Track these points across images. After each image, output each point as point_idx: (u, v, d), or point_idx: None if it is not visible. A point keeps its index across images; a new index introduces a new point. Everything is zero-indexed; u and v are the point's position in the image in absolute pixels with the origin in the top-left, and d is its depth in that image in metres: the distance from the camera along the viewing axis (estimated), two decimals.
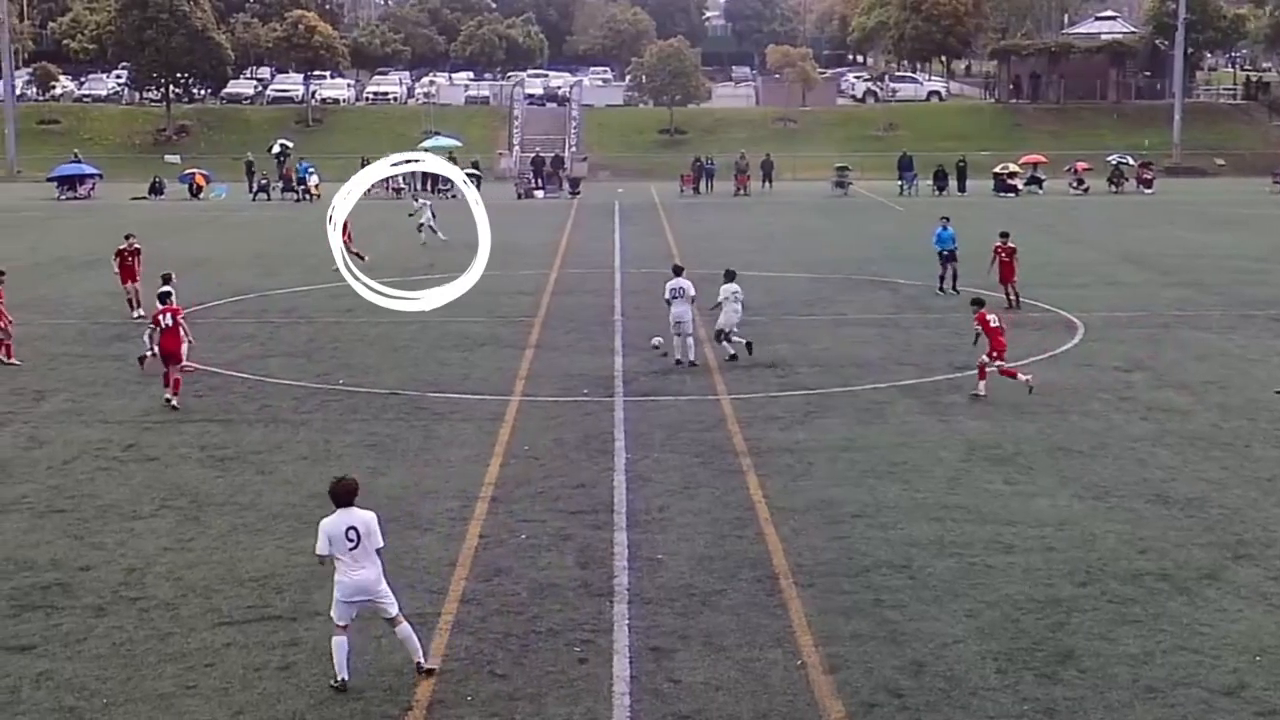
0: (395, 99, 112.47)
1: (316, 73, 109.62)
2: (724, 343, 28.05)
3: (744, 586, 15.56)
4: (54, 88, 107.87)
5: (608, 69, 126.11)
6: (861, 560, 16.43)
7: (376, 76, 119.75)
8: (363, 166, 79.91)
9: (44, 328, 32.29)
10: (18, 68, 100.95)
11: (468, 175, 78.51)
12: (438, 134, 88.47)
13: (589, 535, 17.35)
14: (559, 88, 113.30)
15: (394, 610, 13.19)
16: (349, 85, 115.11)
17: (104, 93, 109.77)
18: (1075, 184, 78.88)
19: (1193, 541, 17.06)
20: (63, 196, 74.69)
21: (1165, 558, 16.46)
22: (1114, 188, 78.60)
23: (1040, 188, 77.69)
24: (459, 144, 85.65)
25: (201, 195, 75.91)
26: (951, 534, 17.35)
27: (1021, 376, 24.62)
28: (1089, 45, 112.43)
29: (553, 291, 38.78)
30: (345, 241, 42.73)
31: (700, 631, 14.26)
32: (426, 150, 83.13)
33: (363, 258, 42.56)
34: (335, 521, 13.20)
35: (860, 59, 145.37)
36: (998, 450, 21.39)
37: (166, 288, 26.39)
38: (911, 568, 16.16)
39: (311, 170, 77.61)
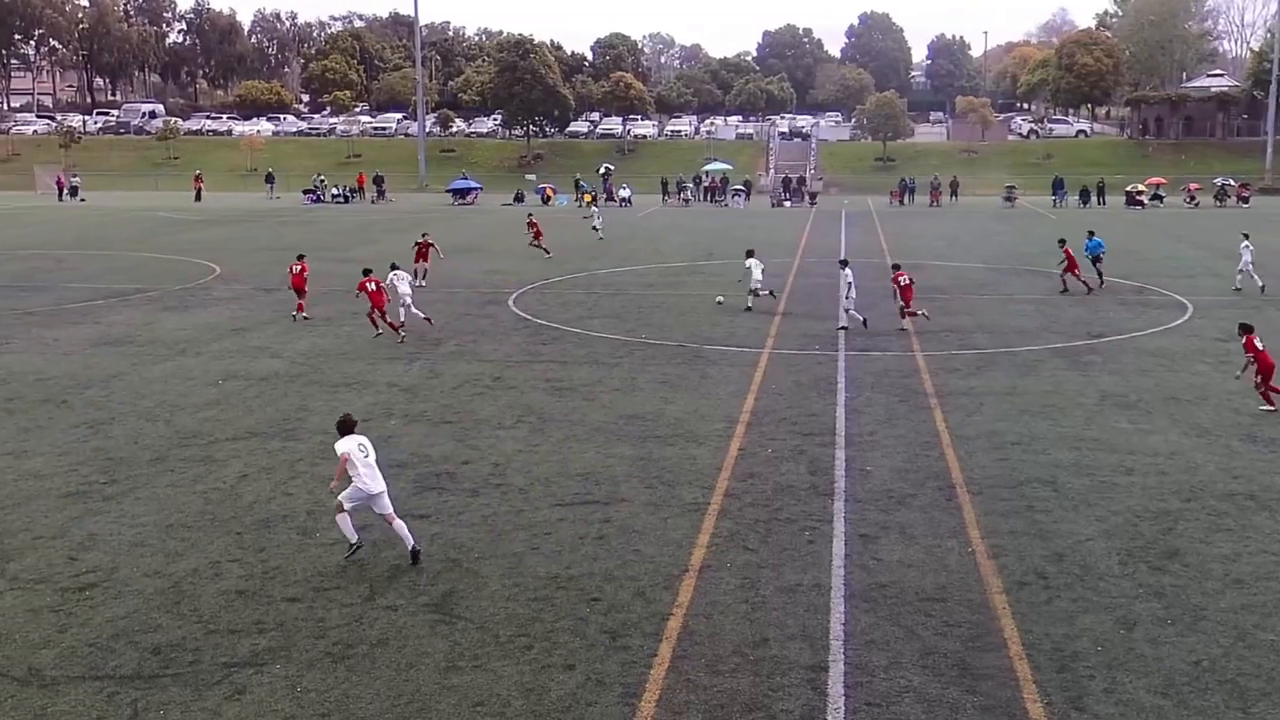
0: (685, 135, 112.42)
1: (631, 116, 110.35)
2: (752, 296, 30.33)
3: (929, 493, 15.19)
4: (451, 127, 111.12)
5: (839, 114, 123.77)
6: (1018, 476, 15.87)
7: (673, 119, 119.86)
8: (662, 186, 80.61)
9: (444, 295, 33.36)
10: (428, 113, 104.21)
11: (737, 190, 78.46)
12: (715, 160, 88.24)
13: (817, 451, 17.15)
14: (802, 127, 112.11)
15: (389, 510, 12.78)
16: (653, 125, 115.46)
17: (485, 130, 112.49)
18: (1188, 200, 74.87)
19: (1275, 470, 16.02)
20: (456, 203, 76.99)
21: (1252, 483, 15.50)
22: (1218, 203, 74.39)
23: (1161, 202, 73.97)
24: (730, 168, 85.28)
25: (550, 203, 77.38)
26: (1086, 459, 16.61)
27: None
28: (1202, 95, 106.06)
29: (795, 274, 38.35)
30: (535, 236, 42.70)
31: (896, 524, 13.98)
32: (707, 172, 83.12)
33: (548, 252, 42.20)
34: (349, 441, 12.75)
35: (1026, 106, 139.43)
36: (1124, 398, 20.39)
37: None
38: (1055, 483, 15.54)
39: (624, 185, 78.44)
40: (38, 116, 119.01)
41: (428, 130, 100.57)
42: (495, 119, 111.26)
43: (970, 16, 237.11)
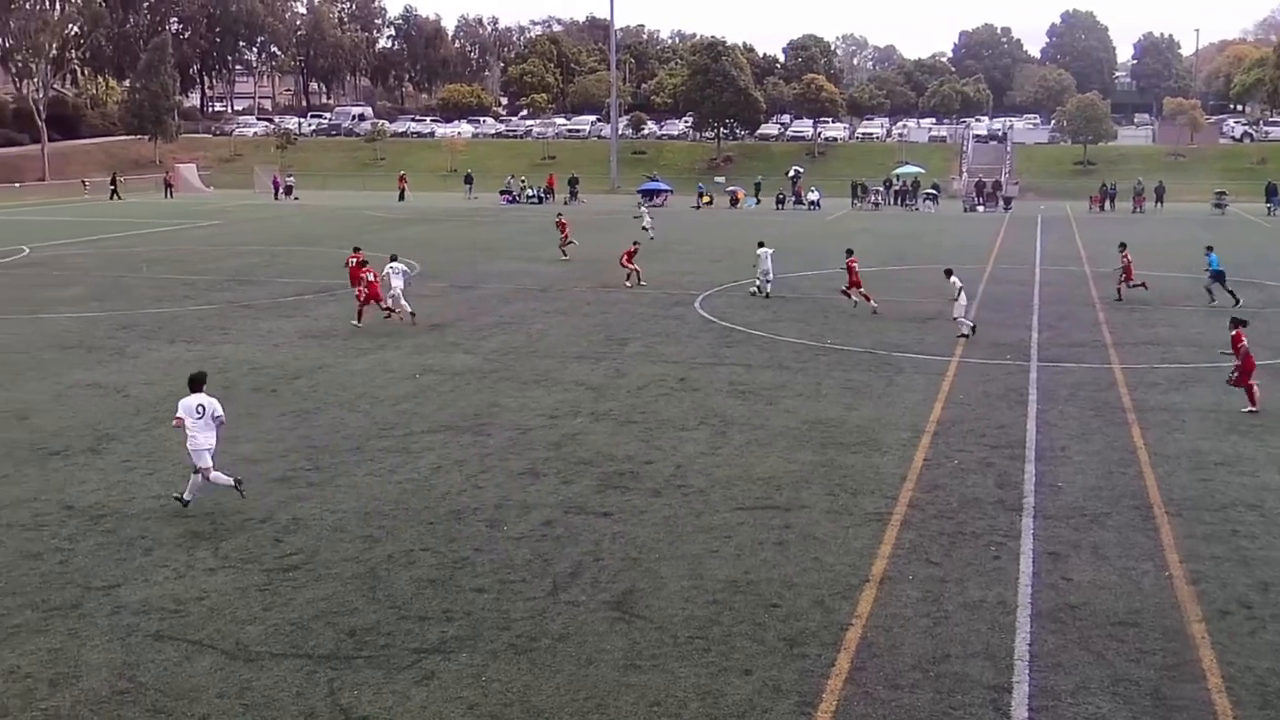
0: (877, 138, 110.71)
1: (822, 118, 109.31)
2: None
3: (1124, 512, 14.57)
4: (642, 129, 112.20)
5: (1037, 116, 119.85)
6: (1221, 498, 15.08)
7: (865, 121, 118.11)
8: (851, 189, 79.53)
9: (629, 295, 33.66)
10: (620, 116, 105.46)
11: (928, 194, 76.81)
12: (907, 163, 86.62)
13: (1005, 464, 16.66)
14: (998, 129, 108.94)
15: (206, 464, 14.27)
16: (844, 128, 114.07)
17: (675, 132, 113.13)
18: None
19: None
20: (645, 205, 77.63)
21: None
22: None
23: None
24: (922, 171, 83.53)
25: (737, 205, 77.26)
26: None
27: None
28: None
29: (987, 280, 37.33)
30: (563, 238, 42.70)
31: (1089, 544, 13.45)
32: (898, 176, 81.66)
33: (564, 252, 41.92)
34: (189, 400, 14.44)
35: (1240, 108, 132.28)
36: None
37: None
38: (1263, 507, 14.70)
39: (814, 189, 77.76)
40: (258, 119, 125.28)
41: (620, 132, 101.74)
42: (686, 121, 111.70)
43: (1180, 14, 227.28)
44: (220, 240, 40.47)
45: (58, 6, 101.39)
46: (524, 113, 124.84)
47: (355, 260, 30.63)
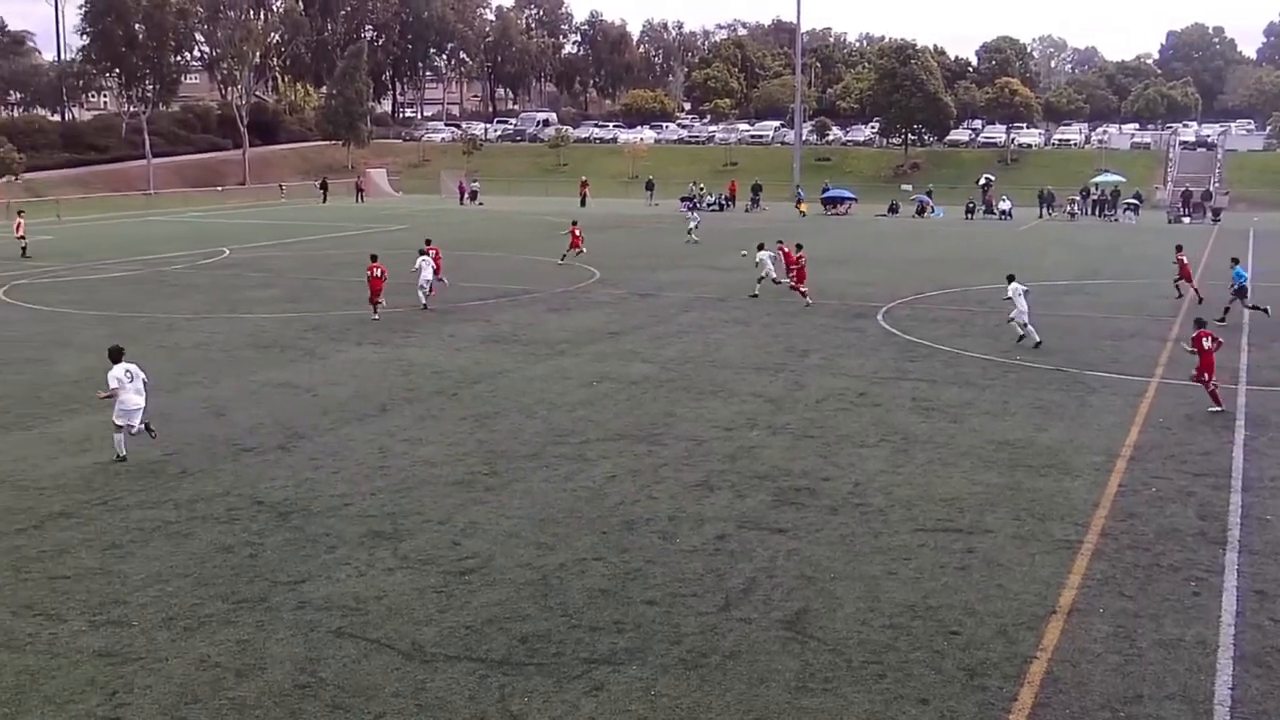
0: (1075, 144, 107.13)
1: (1015, 124, 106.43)
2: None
3: None
4: (828, 134, 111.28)
5: (1251, 121, 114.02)
6: None
7: (1062, 126, 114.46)
8: (1039, 198, 77.14)
9: (824, 305, 33.45)
10: (805, 121, 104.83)
11: (1128, 204, 73.91)
12: (1106, 171, 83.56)
13: (1208, 494, 15.89)
14: (1208, 136, 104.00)
15: (136, 421, 17.28)
16: (1040, 134, 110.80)
17: (861, 138, 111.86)
18: None
19: None
20: (827, 212, 76.97)
21: None
22: None
23: None
24: (1123, 180, 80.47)
25: (924, 214, 75.87)
26: None
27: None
28: None
29: (1193, 300, 35.69)
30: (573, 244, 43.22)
31: None
32: (1096, 184, 78.83)
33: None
34: (117, 369, 17.36)
35: None
36: None
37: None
38: None
39: (1005, 197, 75.75)
40: (446, 124, 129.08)
41: (804, 138, 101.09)
42: (872, 127, 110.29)
43: None
44: (407, 244, 41.87)
45: (261, 16, 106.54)
46: (707, 118, 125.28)
47: (378, 270, 31.08)
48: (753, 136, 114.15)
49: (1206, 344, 20.53)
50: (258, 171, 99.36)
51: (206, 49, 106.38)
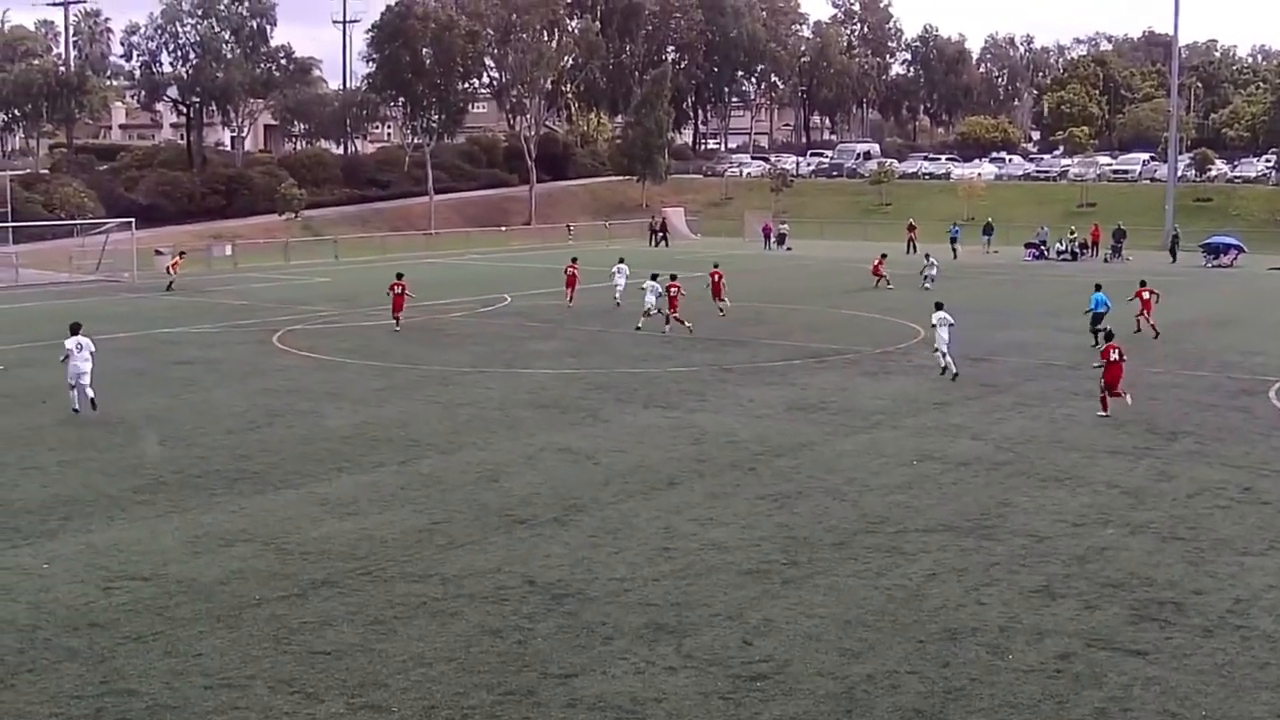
0: None
1: None
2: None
3: None
4: (1209, 169, 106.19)
5: None
6: None
7: None
8: None
9: (1181, 378, 31.95)
10: (1181, 153, 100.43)
11: None
12: None
13: None
14: None
15: (85, 382, 26.01)
16: None
17: (1252, 174, 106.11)
18: None
19: None
20: (1208, 263, 73.24)
21: None
22: None
23: None
24: None
25: None
26: None
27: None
28: None
29: None
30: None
31: None
32: None
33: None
34: (71, 340, 26.18)
35: None
36: None
37: None
38: None
39: None
40: (752, 157, 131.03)
41: (1179, 174, 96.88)
42: (1267, 160, 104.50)
43: None
44: (704, 294, 42.76)
45: (555, 38, 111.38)
46: (1058, 150, 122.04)
47: (401, 288, 40.41)
48: (1115, 172, 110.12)
49: (1115, 355, 26.39)
50: (543, 210, 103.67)
51: (495, 74, 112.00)
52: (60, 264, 62.70)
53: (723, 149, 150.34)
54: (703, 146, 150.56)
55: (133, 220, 64.51)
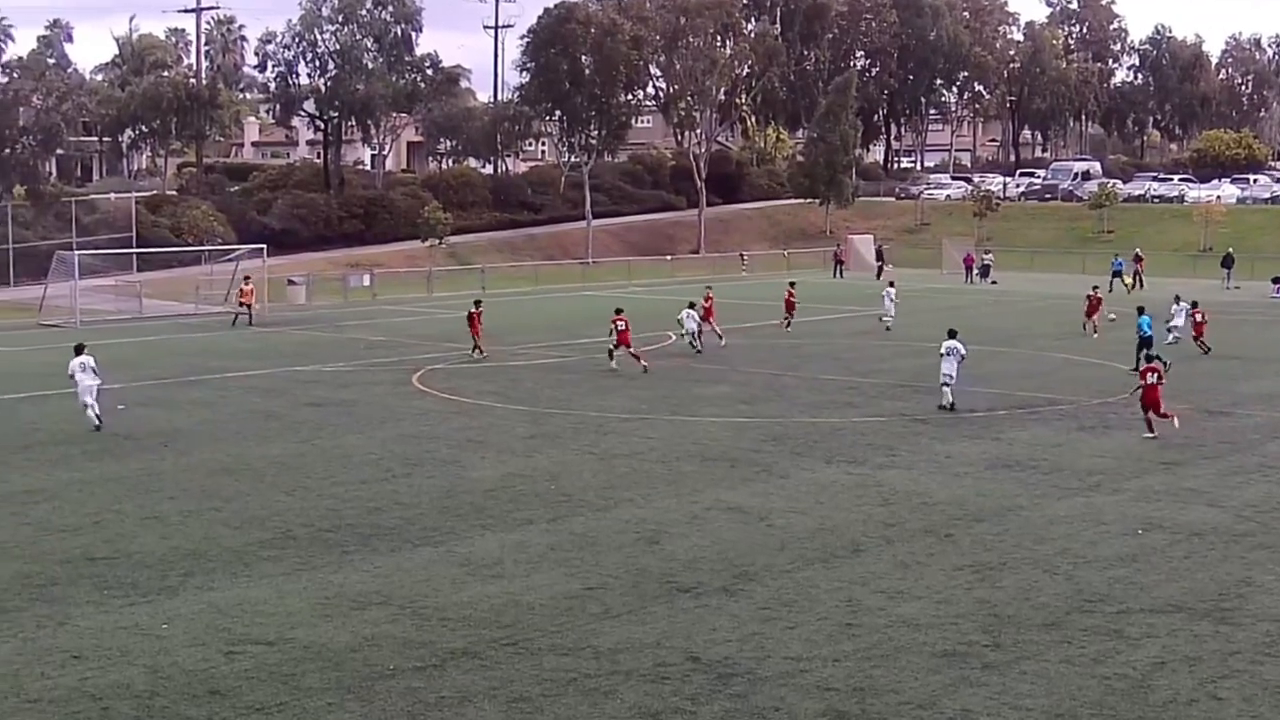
0: None
1: None
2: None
3: None
4: None
5: None
6: None
7: None
8: None
9: None
10: None
11: None
12: None
13: None
14: None
15: (92, 399, 30.14)
16: None
17: None
18: None
19: None
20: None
21: None
22: None
23: None
24: None
25: None
26: None
27: None
28: None
29: None
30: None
31: None
32: None
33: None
34: (76, 360, 30.20)
35: None
36: None
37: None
38: None
39: None
40: (952, 178, 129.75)
41: None
42: None
43: None
44: (894, 334, 42.37)
45: (729, 42, 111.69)
46: None
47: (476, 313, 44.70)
48: None
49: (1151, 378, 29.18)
50: (714, 236, 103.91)
51: (662, 84, 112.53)
52: (187, 293, 64.86)
53: (918, 168, 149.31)
54: (895, 165, 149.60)
55: (264, 247, 66.09)
